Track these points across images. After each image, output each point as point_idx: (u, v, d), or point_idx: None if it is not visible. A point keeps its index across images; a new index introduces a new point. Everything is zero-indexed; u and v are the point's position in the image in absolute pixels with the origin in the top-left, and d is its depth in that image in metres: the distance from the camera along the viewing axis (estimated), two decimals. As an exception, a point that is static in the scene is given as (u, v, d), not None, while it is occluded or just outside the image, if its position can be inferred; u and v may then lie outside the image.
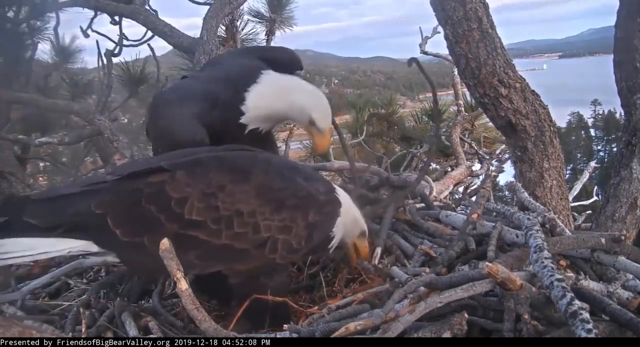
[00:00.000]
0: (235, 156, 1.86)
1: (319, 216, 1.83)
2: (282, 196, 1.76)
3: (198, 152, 1.87)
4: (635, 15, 2.75)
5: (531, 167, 2.88)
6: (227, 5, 4.85)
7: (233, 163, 1.81)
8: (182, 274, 1.45)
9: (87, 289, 2.32)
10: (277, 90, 2.13)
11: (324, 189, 1.89)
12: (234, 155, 1.86)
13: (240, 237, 1.70)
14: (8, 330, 1.12)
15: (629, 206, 2.82)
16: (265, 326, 1.84)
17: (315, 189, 1.86)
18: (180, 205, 1.66)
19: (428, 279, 1.62)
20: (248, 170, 1.78)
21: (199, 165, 1.76)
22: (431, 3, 2.78)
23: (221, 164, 1.79)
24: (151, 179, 1.70)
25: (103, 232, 1.66)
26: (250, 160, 1.84)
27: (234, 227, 1.69)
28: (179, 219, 1.66)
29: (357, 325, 1.46)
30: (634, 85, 2.78)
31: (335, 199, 1.92)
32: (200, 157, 1.80)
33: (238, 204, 1.69)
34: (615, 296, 1.69)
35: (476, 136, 6.72)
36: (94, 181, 1.90)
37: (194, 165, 1.75)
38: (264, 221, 1.72)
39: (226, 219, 1.68)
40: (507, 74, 2.72)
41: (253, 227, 1.71)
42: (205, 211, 1.67)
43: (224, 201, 1.68)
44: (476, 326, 1.52)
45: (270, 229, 1.73)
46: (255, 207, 1.71)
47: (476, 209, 2.14)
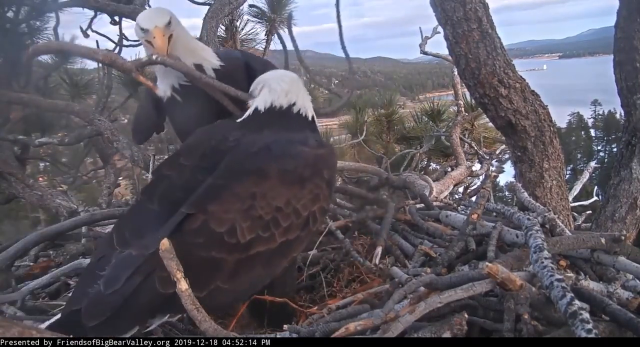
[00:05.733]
0: (235, 161, 1.81)
1: (330, 169, 1.88)
2: (300, 172, 1.78)
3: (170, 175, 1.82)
4: (635, 15, 2.75)
5: (531, 167, 2.88)
6: (227, 5, 4.85)
7: (242, 169, 1.77)
8: (182, 274, 1.45)
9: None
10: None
11: (315, 138, 1.94)
12: (234, 161, 1.81)
13: (290, 229, 1.72)
14: (8, 330, 1.12)
15: (629, 206, 2.82)
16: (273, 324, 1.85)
17: (314, 145, 1.88)
18: (232, 234, 1.63)
19: (428, 279, 1.62)
20: (261, 167, 1.76)
21: (215, 189, 1.71)
22: (431, 3, 2.78)
23: (233, 176, 1.74)
24: (187, 228, 1.62)
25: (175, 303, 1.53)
26: (254, 156, 1.81)
27: (281, 224, 1.70)
28: (237, 248, 1.64)
29: (357, 325, 1.46)
30: (634, 85, 2.78)
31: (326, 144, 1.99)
32: (210, 182, 1.73)
33: (274, 202, 1.70)
34: (615, 296, 1.69)
35: (476, 136, 6.72)
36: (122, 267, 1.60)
37: (212, 191, 1.70)
38: (299, 203, 1.74)
39: (273, 222, 1.69)
40: (507, 74, 2.72)
41: (295, 214, 1.73)
42: (253, 226, 1.66)
43: (262, 206, 1.68)
44: (476, 326, 1.52)
45: (307, 206, 1.75)
46: (287, 195, 1.72)
47: (476, 209, 2.14)
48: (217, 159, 1.79)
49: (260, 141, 1.83)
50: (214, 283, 1.61)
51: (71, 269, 2.47)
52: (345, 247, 2.32)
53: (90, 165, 8.75)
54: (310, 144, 1.88)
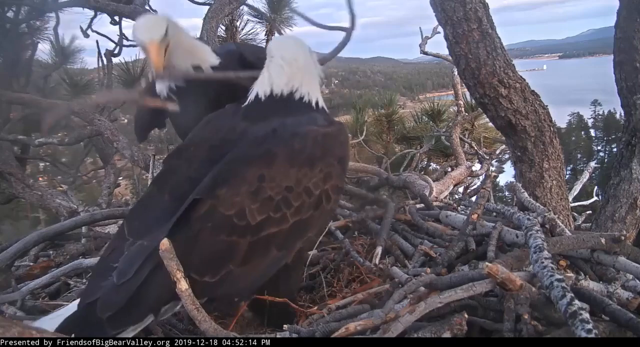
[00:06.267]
0: (241, 148, 1.79)
1: (341, 146, 1.87)
2: (309, 151, 1.76)
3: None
4: (635, 15, 2.75)
5: (531, 167, 2.88)
6: (227, 5, 4.85)
7: (248, 154, 1.76)
8: (182, 274, 1.45)
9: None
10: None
11: (324, 117, 1.91)
12: (241, 148, 1.79)
13: (302, 208, 1.70)
14: (8, 330, 1.12)
15: (629, 206, 2.82)
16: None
17: (323, 123, 1.86)
18: (241, 216, 1.62)
19: (428, 280, 1.62)
20: (268, 149, 1.75)
21: (222, 175, 1.70)
22: (431, 3, 2.78)
23: (240, 161, 1.74)
24: (195, 214, 1.61)
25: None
26: (261, 141, 1.79)
27: (292, 204, 1.69)
28: (248, 230, 1.63)
29: (357, 325, 1.46)
30: (634, 85, 2.78)
31: (335, 122, 1.95)
32: (218, 169, 1.73)
33: (283, 182, 1.68)
34: (615, 296, 1.68)
35: (476, 136, 6.73)
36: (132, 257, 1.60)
37: (219, 177, 1.69)
38: (310, 182, 1.72)
39: (283, 202, 1.67)
40: (507, 74, 2.72)
41: (306, 193, 1.71)
42: (263, 207, 1.65)
43: (271, 187, 1.67)
44: (476, 326, 1.52)
45: (319, 185, 1.74)
46: (297, 175, 1.71)
47: (476, 209, 2.14)
48: (226, 150, 1.79)
49: (266, 127, 1.82)
50: (226, 267, 1.60)
51: (71, 269, 2.47)
52: (345, 247, 2.32)
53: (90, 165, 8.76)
54: (319, 123, 1.86)
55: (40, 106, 4.48)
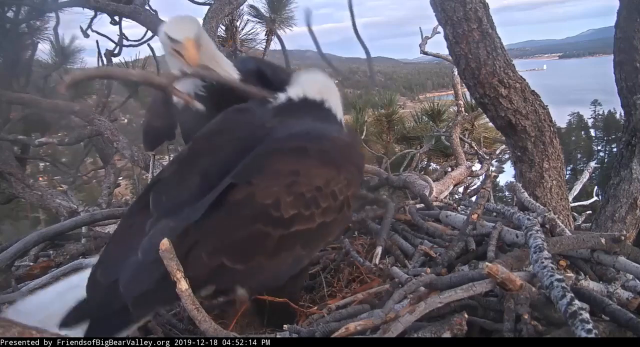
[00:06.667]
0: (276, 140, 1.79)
1: (359, 156, 1.93)
2: (337, 157, 1.78)
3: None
4: (635, 15, 2.75)
5: (531, 167, 2.88)
6: (227, 5, 4.86)
7: (283, 146, 1.76)
8: (182, 274, 1.45)
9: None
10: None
11: (337, 127, 1.96)
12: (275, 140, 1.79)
13: (328, 210, 1.70)
14: (8, 330, 1.12)
15: (629, 206, 2.82)
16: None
17: (345, 135, 1.93)
18: (276, 208, 1.60)
19: (428, 280, 1.62)
20: (302, 146, 1.75)
21: (259, 163, 1.69)
22: (431, 3, 2.78)
23: (275, 152, 1.73)
24: (231, 199, 1.58)
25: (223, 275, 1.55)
26: (295, 137, 1.80)
27: (320, 205, 1.68)
28: (280, 222, 1.60)
29: (357, 325, 1.46)
30: (634, 85, 2.78)
31: (349, 133, 2.02)
32: (253, 157, 1.71)
33: (315, 181, 1.68)
34: (615, 296, 1.68)
35: (476, 136, 6.73)
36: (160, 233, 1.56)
37: (255, 165, 1.69)
38: (336, 186, 1.72)
39: (313, 201, 1.66)
40: (507, 74, 2.72)
41: (332, 197, 1.71)
42: (296, 202, 1.63)
43: (304, 184, 1.66)
44: (476, 326, 1.52)
45: (342, 191, 1.74)
46: (327, 177, 1.71)
47: (476, 209, 2.14)
48: (255, 142, 1.77)
49: (299, 126, 1.84)
50: (256, 258, 1.59)
51: (71, 269, 2.47)
52: (345, 247, 2.32)
53: (90, 165, 8.77)
54: (342, 134, 1.93)
55: (40, 106, 4.48)
